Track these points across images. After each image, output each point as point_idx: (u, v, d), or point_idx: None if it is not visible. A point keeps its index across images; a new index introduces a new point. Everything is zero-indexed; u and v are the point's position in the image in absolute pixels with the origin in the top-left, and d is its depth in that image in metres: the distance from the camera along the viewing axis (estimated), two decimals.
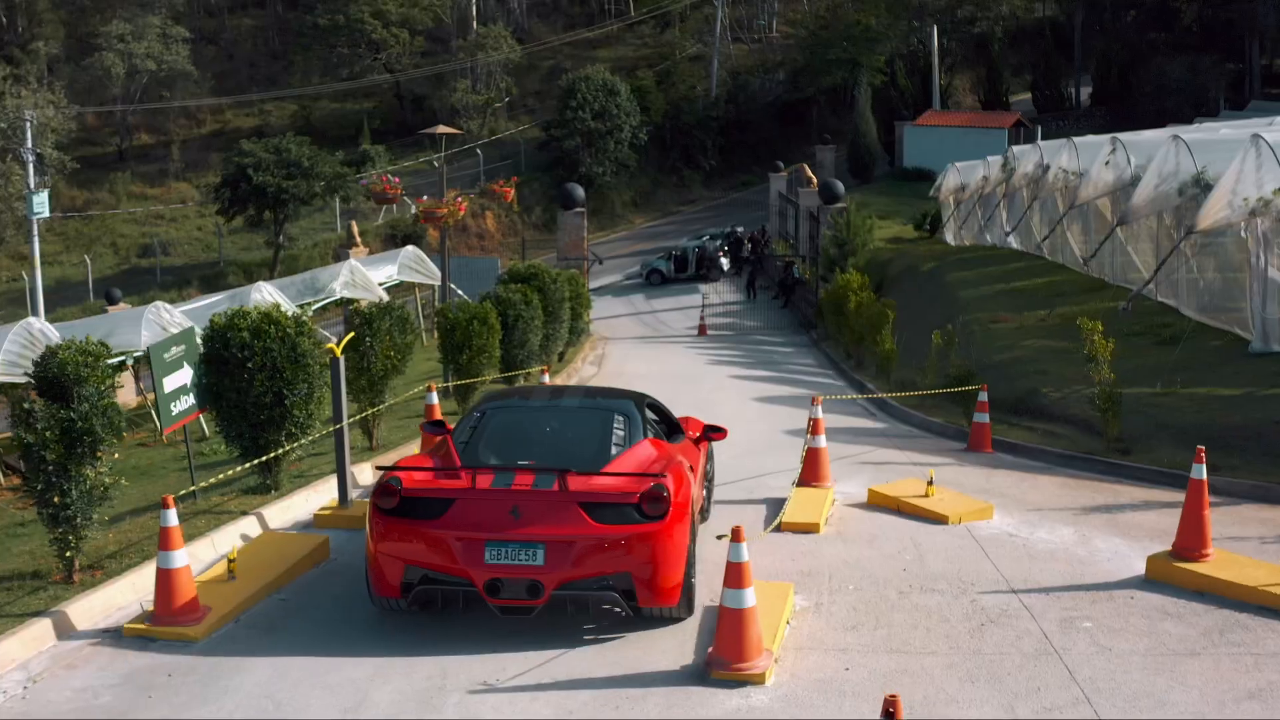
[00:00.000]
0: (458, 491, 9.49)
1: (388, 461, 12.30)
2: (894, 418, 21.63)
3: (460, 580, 9.27)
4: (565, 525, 9.28)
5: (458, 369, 18.10)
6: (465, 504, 9.40)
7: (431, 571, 9.35)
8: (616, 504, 9.40)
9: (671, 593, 9.48)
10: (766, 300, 49.32)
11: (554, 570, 9.19)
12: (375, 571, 9.56)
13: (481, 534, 9.28)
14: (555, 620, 9.52)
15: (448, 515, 9.37)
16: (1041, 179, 33.37)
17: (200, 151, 73.24)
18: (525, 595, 9.22)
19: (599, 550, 9.26)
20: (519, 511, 9.32)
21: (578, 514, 9.31)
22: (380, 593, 9.61)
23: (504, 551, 9.23)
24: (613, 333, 43.06)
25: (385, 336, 14.78)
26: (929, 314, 30.87)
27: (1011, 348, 23.24)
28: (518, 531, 9.26)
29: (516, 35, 78.32)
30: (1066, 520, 12.87)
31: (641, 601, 9.42)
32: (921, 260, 40.94)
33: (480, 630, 9.55)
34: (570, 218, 41.42)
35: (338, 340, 14.64)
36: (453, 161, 68.72)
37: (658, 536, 9.34)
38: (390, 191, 19.74)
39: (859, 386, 26.54)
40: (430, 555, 9.34)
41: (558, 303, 23.48)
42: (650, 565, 9.34)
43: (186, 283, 59.55)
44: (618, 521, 9.34)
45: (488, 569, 9.20)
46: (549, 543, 9.23)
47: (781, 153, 74.31)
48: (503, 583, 9.20)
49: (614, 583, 9.32)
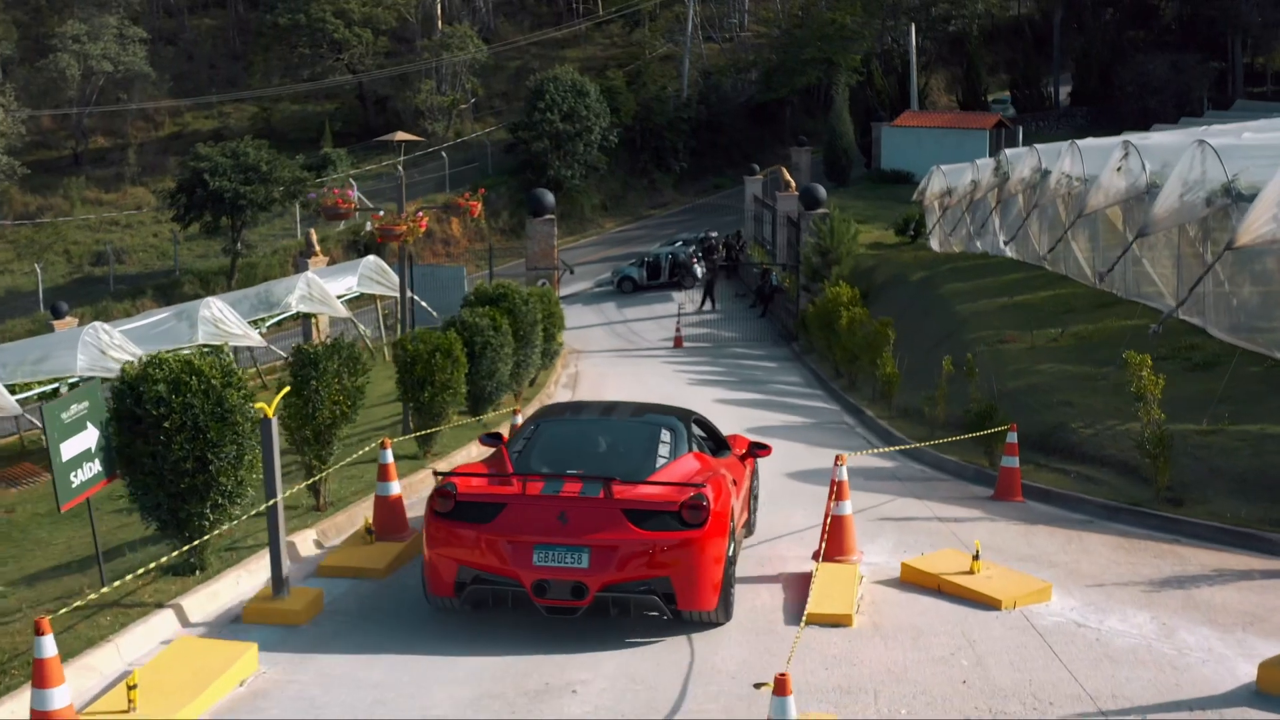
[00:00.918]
0: (509, 497, 10.07)
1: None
2: (903, 454, 19.66)
3: (510, 581, 9.79)
4: (609, 531, 9.77)
5: (419, 407, 16.01)
6: (516, 509, 9.96)
7: (483, 572, 9.90)
8: (658, 511, 9.87)
9: (710, 598, 9.94)
10: (743, 309, 47.38)
11: (598, 573, 9.66)
12: (431, 572, 10.17)
13: (530, 537, 9.81)
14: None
15: (499, 519, 9.92)
16: (1041, 185, 31.47)
17: (158, 155, 70.97)
18: (570, 596, 9.70)
19: (641, 555, 9.74)
20: (566, 517, 9.84)
21: (621, 520, 9.80)
22: (435, 592, 10.20)
23: (551, 554, 9.74)
24: (585, 345, 41.14)
25: (333, 380, 12.70)
26: (924, 329, 29.01)
27: (1026, 373, 21.25)
28: (565, 536, 9.77)
29: (483, 35, 76.23)
30: (1138, 601, 10.92)
31: (681, 605, 9.86)
32: (908, 268, 39.06)
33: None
34: (540, 225, 39.39)
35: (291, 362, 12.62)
36: (418, 165, 66.79)
37: (697, 543, 9.80)
38: (343, 206, 17.65)
39: (855, 411, 24.59)
40: (482, 557, 9.89)
41: (529, 326, 21.37)
42: (690, 571, 9.80)
43: (140, 292, 57.46)
44: (659, 528, 9.80)
45: (536, 570, 9.70)
46: (594, 547, 9.72)
47: (755, 155, 72.80)
48: (549, 584, 9.68)
49: (655, 586, 9.77)
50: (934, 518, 14.23)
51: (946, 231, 41.60)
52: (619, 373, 30.69)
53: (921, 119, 66.42)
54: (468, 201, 19.26)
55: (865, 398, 25.40)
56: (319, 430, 12.79)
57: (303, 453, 12.99)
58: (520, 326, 20.76)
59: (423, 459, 16.09)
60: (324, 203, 18.05)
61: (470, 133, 71.19)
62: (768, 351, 39.31)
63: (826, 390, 28.82)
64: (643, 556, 9.72)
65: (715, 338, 42.05)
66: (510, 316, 20.17)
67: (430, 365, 15.73)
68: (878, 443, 20.79)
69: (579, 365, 33.64)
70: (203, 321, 29.43)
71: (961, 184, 40.08)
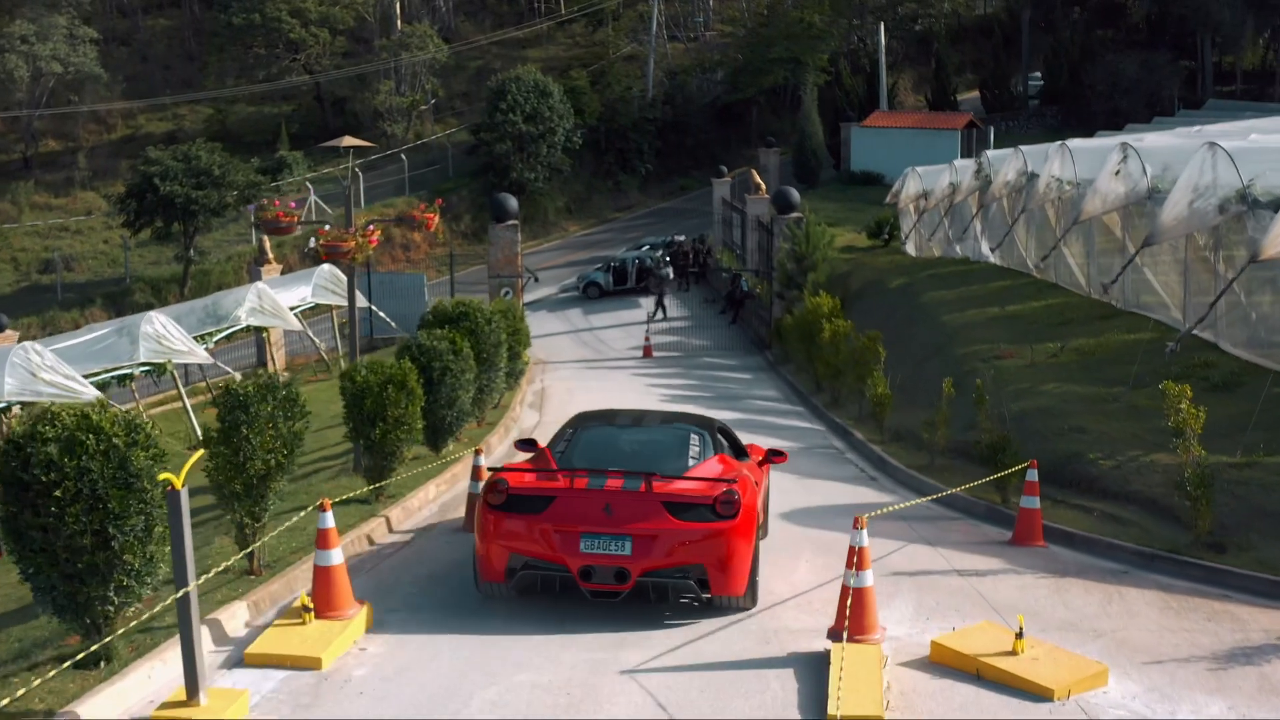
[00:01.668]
0: (558, 490, 10.91)
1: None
2: (901, 484, 18.07)
3: (558, 567, 10.65)
4: (650, 521, 10.65)
5: (369, 445, 14.28)
6: (564, 501, 10.80)
7: (533, 559, 10.73)
8: (694, 504, 10.77)
9: (740, 584, 10.86)
10: (712, 315, 45.79)
11: (640, 559, 10.55)
12: (483, 560, 10.99)
13: (578, 527, 10.65)
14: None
15: (549, 511, 10.77)
16: (1028, 188, 30.03)
17: (109, 159, 68.87)
18: (614, 581, 10.58)
19: (678, 544, 10.61)
20: (611, 509, 10.68)
21: (661, 512, 10.69)
22: (486, 578, 11.02)
23: (597, 543, 10.59)
24: (550, 354, 39.53)
25: (266, 426, 10.99)
26: (909, 342, 27.48)
27: (1029, 394, 19.67)
28: (609, 526, 10.64)
29: (443, 35, 74.36)
30: (1206, 684, 9.37)
31: (714, 590, 10.77)
32: (886, 274, 37.57)
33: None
34: (502, 231, 37.70)
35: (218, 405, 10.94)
36: (376, 168, 65.04)
37: (729, 534, 10.70)
38: (285, 219, 15.89)
39: (842, 433, 22.98)
40: (532, 544, 10.72)
41: (493, 347, 19.56)
42: (722, 558, 10.68)
43: (90, 301, 55.49)
44: (695, 520, 10.70)
45: (582, 557, 10.57)
46: (636, 536, 10.59)
47: (721, 156, 71.38)
48: (595, 570, 10.55)
49: (691, 573, 10.67)
50: (952, 570, 12.64)
51: (924, 236, 40.13)
52: (587, 388, 29.01)
53: (892, 119, 64.96)
54: (423, 214, 17.53)
55: (851, 416, 23.83)
56: (251, 483, 11.07)
57: (233, 509, 11.26)
58: (483, 348, 19.00)
59: (374, 503, 14.38)
60: (263, 216, 16.31)
61: (430, 134, 69.51)
62: (740, 361, 37.78)
63: (808, 407, 27.24)
64: (680, 545, 10.61)
65: (685, 346, 40.47)
66: (472, 338, 18.44)
67: (381, 399, 13.98)
68: (873, 471, 19.21)
69: (544, 380, 31.98)
70: (145, 338, 27.67)
71: (939, 186, 38.64)
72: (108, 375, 27.50)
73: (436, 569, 12.39)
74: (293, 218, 16.22)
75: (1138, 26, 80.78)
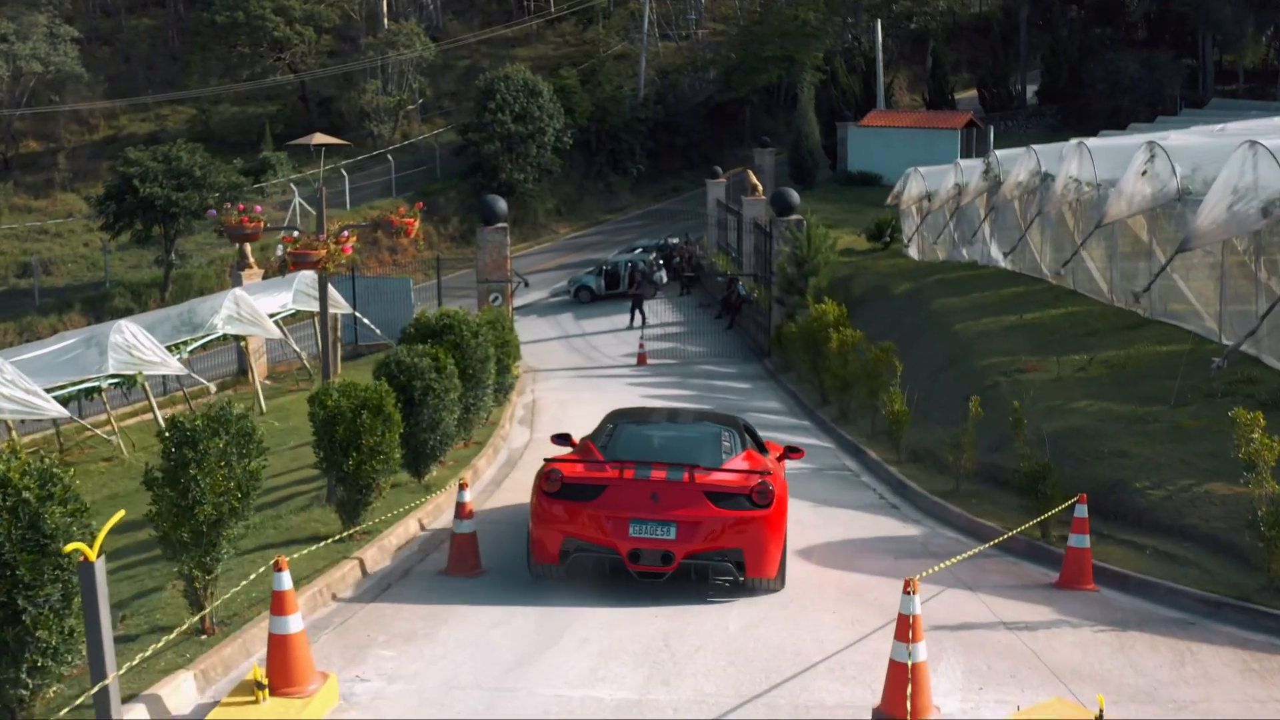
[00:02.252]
0: (609, 480, 11.88)
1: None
2: (925, 513, 16.59)
3: (609, 550, 11.67)
4: (693, 508, 11.67)
5: (342, 477, 12.80)
6: (615, 490, 11.80)
7: (586, 542, 11.72)
8: (733, 494, 11.81)
9: (772, 567, 11.91)
10: (708, 320, 44.35)
11: (683, 543, 11.59)
12: (537, 544, 11.94)
13: (627, 513, 11.66)
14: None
15: (601, 498, 11.77)
16: (1042, 189, 28.63)
17: (91, 160, 67.35)
18: (659, 563, 11.60)
19: (718, 529, 11.64)
20: (657, 497, 11.69)
21: (703, 500, 11.71)
22: (540, 560, 11.97)
23: (644, 528, 11.61)
24: (541, 362, 38.11)
25: (218, 466, 9.52)
26: (918, 350, 26.06)
27: (1060, 412, 18.20)
28: (656, 512, 11.63)
29: (430, 33, 72.90)
30: None
31: (749, 573, 11.78)
32: (889, 279, 36.17)
33: None
34: (491, 234, 36.22)
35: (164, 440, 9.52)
36: (363, 168, 63.59)
37: (764, 521, 11.75)
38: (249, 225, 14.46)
39: (854, 451, 21.50)
40: (585, 529, 11.72)
41: (480, 363, 18.04)
42: (758, 543, 11.74)
43: (68, 306, 54.12)
44: (733, 508, 11.73)
45: (631, 541, 11.60)
46: (680, 522, 11.61)
47: (714, 156, 70.16)
48: (642, 553, 11.59)
49: (729, 556, 11.68)
50: (998, 622, 11.19)
51: (928, 239, 38.74)
52: (581, 399, 27.54)
53: (890, 118, 63.57)
54: (402, 219, 16.07)
55: (863, 434, 22.37)
56: (200, 531, 9.59)
57: (180, 560, 9.78)
58: (469, 364, 17.51)
59: (348, 541, 12.89)
60: (226, 222, 14.87)
61: (418, 135, 68.09)
62: (739, 369, 36.39)
63: (814, 421, 25.79)
64: (720, 531, 11.62)
65: (681, 353, 39.04)
66: (457, 352, 16.95)
67: (355, 426, 12.49)
68: (893, 497, 17.72)
69: (535, 390, 30.55)
70: (114, 348, 26.24)
71: (944, 187, 37.27)
72: (74, 389, 26.08)
73: (417, 625, 10.89)
74: (258, 223, 14.76)
75: (1135, 25, 79.58)
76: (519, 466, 19.10)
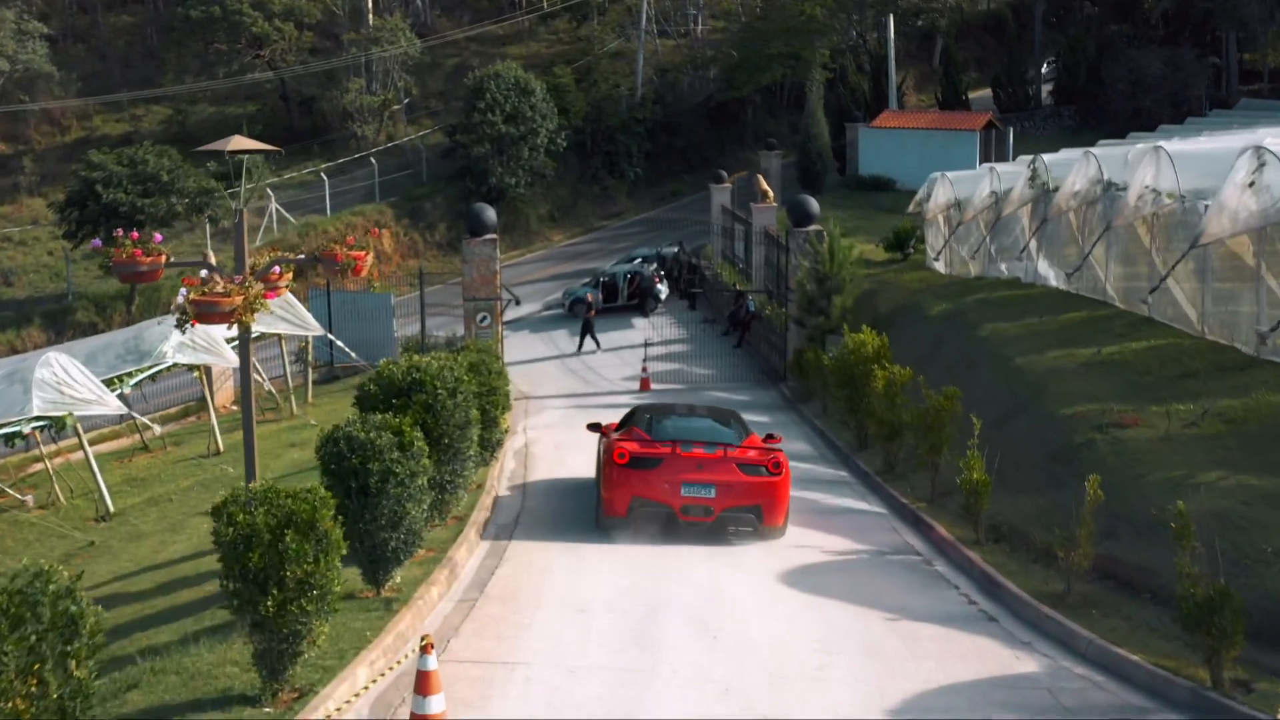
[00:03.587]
0: (665, 454, 16.61)
1: None
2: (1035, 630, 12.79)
3: (665, 506, 16.49)
4: (727, 475, 16.56)
5: (257, 623, 9.13)
6: (670, 462, 16.54)
7: (648, 500, 16.49)
8: (755, 464, 16.74)
9: (780, 519, 16.88)
10: (714, 338, 40.78)
11: (720, 500, 16.45)
12: (608, 504, 16.80)
13: (680, 478, 16.45)
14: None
15: (659, 468, 16.51)
16: (1105, 200, 25.07)
17: (61, 162, 63.62)
18: (702, 515, 16.48)
19: (745, 490, 16.57)
20: (701, 466, 16.53)
21: (734, 469, 16.62)
22: (609, 514, 16.82)
23: (692, 489, 16.41)
24: (534, 386, 34.69)
25: (23, 673, 5.89)
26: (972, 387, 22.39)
27: (1185, 487, 14.36)
28: (701, 476, 16.48)
29: (418, 30, 69.28)
30: None
31: (765, 523, 16.69)
32: (921, 296, 32.64)
33: None
34: (479, 248, 32.64)
35: None
36: (345, 172, 60.01)
37: (777, 485, 16.75)
38: (144, 261, 10.90)
39: (915, 523, 17.83)
40: (647, 490, 16.47)
41: (459, 428, 14.23)
42: (772, 501, 16.70)
43: (27, 320, 50.66)
44: (755, 475, 16.67)
45: (682, 499, 16.40)
46: (718, 484, 16.49)
47: (715, 158, 66.84)
48: (691, 508, 16.43)
49: (752, 510, 16.60)
50: None
51: (960, 251, 35.11)
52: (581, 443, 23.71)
53: (903, 119, 60.03)
54: (349, 253, 12.38)
55: (919, 494, 18.76)
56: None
57: None
58: (445, 431, 13.84)
59: (269, 702, 9.21)
60: (116, 257, 11.28)
61: (403, 136, 64.55)
62: (752, 395, 32.91)
63: (852, 471, 22.19)
64: (746, 491, 16.55)
65: (688, 376, 35.54)
66: (430, 417, 13.30)
67: (277, 552, 8.87)
68: (985, 601, 13.90)
69: (528, 426, 26.99)
70: (39, 385, 22.72)
71: (978, 195, 33.71)
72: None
73: None
74: (156, 256, 11.15)
75: (1152, 22, 76.07)
76: (507, 559, 15.34)
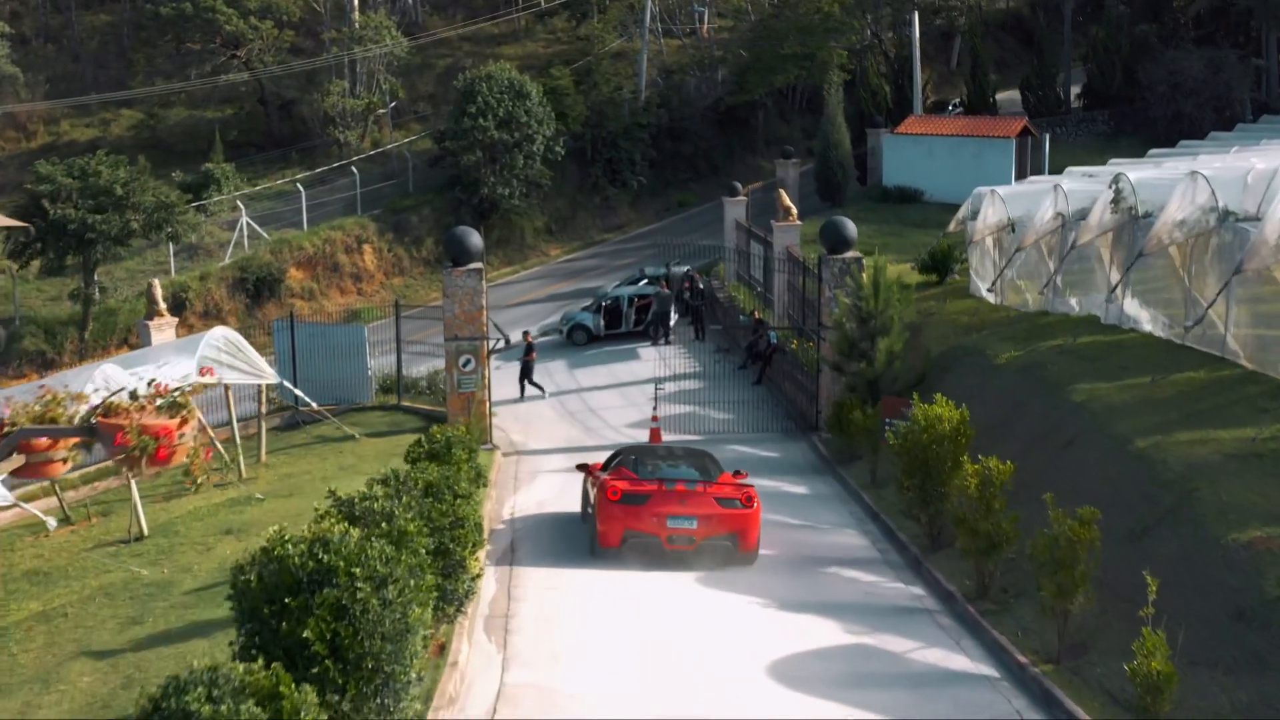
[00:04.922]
0: (652, 491, 18.73)
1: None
2: None
3: (653, 537, 18.47)
4: (706, 508, 18.60)
5: None
6: (658, 497, 18.62)
7: (638, 532, 18.49)
8: (731, 499, 18.81)
9: (753, 545, 18.84)
10: (730, 373, 35.95)
11: (701, 531, 18.46)
12: (603, 535, 18.66)
13: (666, 511, 18.49)
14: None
15: (648, 503, 18.55)
16: (1221, 233, 20.38)
17: (23, 170, 58.94)
18: (686, 544, 18.47)
19: (722, 521, 18.60)
20: (684, 501, 18.58)
21: (713, 503, 18.68)
22: (604, 545, 18.66)
23: (677, 522, 18.43)
24: (527, 432, 30.58)
25: None
26: (1074, 479, 17.72)
27: None
28: (684, 510, 18.51)
29: (407, 29, 64.75)
30: None
31: (740, 550, 18.70)
32: (976, 335, 28.04)
33: None
34: (462, 279, 28.02)
35: None
36: (325, 181, 55.50)
37: (750, 516, 18.75)
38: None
39: (1042, 698, 13.09)
40: (638, 523, 18.47)
41: (391, 639, 8.34)
42: (747, 531, 18.71)
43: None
44: (731, 507, 18.71)
45: (668, 530, 18.45)
46: (699, 516, 18.49)
47: (724, 166, 62.91)
48: (676, 538, 18.45)
49: (729, 539, 18.62)
50: None
51: (1022, 282, 30.25)
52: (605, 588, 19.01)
53: (931, 125, 55.33)
54: (141, 434, 7.58)
55: (1041, 646, 14.02)
56: None
57: None
58: (365, 648, 8.70)
59: None
60: None
61: (389, 142, 60.12)
62: (782, 452, 28.36)
63: (930, 588, 17.43)
64: (723, 522, 18.58)
65: (704, 423, 30.76)
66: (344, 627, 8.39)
67: None
68: None
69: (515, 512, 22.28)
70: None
71: (1040, 216, 28.97)
72: None
73: None
74: None
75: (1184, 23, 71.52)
76: None
